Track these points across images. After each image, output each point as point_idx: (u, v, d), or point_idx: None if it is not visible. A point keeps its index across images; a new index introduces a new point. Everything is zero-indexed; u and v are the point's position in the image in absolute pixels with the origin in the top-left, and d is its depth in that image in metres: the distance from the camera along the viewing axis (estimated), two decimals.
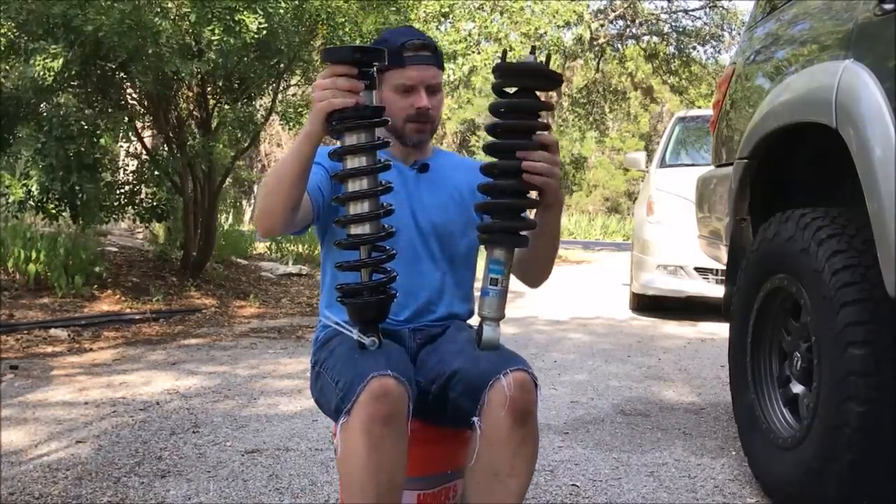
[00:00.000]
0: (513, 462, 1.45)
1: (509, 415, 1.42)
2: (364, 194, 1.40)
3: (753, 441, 2.35)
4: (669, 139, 6.78)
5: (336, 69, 1.37)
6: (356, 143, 1.39)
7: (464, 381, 1.49)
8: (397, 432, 1.38)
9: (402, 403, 1.38)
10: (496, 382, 1.44)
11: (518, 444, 1.44)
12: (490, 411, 1.44)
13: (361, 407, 1.35)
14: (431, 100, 1.67)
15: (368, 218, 1.41)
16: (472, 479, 1.49)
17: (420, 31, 1.72)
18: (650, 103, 19.58)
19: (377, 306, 1.42)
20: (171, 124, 6.16)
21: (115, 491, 2.23)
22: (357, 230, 1.41)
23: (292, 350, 4.48)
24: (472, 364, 1.49)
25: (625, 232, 22.46)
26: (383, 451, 1.36)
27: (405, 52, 1.63)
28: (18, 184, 5.27)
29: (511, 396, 1.42)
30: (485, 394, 1.44)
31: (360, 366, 1.41)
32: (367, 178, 1.40)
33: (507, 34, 11.61)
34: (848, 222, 2.00)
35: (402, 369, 1.42)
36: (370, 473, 1.36)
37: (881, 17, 1.82)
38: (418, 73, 1.64)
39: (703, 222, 3.24)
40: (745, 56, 2.87)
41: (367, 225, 1.41)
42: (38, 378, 3.64)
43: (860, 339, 1.83)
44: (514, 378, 1.44)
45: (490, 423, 1.44)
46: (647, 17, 13.73)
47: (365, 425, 1.35)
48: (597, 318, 6.02)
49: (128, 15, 4.78)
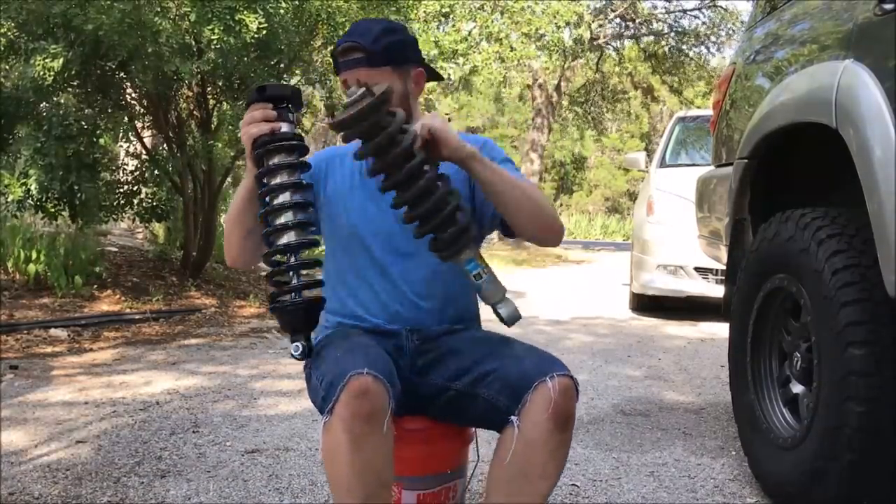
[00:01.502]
0: (546, 464, 1.47)
1: (552, 419, 1.44)
2: (282, 207, 1.49)
3: (753, 441, 2.35)
4: (669, 139, 6.79)
5: (251, 108, 1.52)
6: (277, 162, 1.50)
7: (502, 380, 1.50)
8: (380, 430, 1.38)
9: (382, 401, 1.39)
10: (541, 385, 1.45)
11: (555, 448, 1.46)
12: (532, 413, 1.45)
13: (342, 406, 1.36)
14: None
15: (288, 228, 1.49)
16: (500, 475, 1.50)
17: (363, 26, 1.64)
18: (650, 103, 19.57)
19: (305, 310, 1.48)
20: (171, 124, 6.16)
21: (115, 491, 2.23)
22: (282, 240, 1.49)
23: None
24: (514, 364, 1.51)
25: (625, 232, 22.48)
26: (367, 449, 1.36)
27: (337, 58, 1.63)
28: (18, 183, 5.27)
29: (555, 401, 1.44)
30: (528, 395, 1.46)
31: (339, 366, 1.42)
32: (286, 192, 1.50)
33: (507, 34, 11.60)
34: (848, 222, 2.00)
35: (381, 368, 1.42)
36: (356, 472, 1.36)
37: (881, 17, 1.82)
38: (345, 79, 1.62)
39: (703, 222, 3.24)
40: (745, 56, 2.87)
41: (291, 233, 1.49)
42: (38, 378, 3.63)
43: (860, 339, 1.83)
44: (560, 383, 1.45)
45: (530, 424, 1.45)
46: (646, 17, 13.73)
47: (346, 424, 1.36)
48: (597, 318, 6.02)
49: (128, 14, 4.78)
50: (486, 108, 26.10)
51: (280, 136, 1.50)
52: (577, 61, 13.64)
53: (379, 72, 1.59)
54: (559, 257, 13.10)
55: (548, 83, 13.78)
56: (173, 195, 6.45)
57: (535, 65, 13.15)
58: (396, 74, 1.62)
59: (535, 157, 14.00)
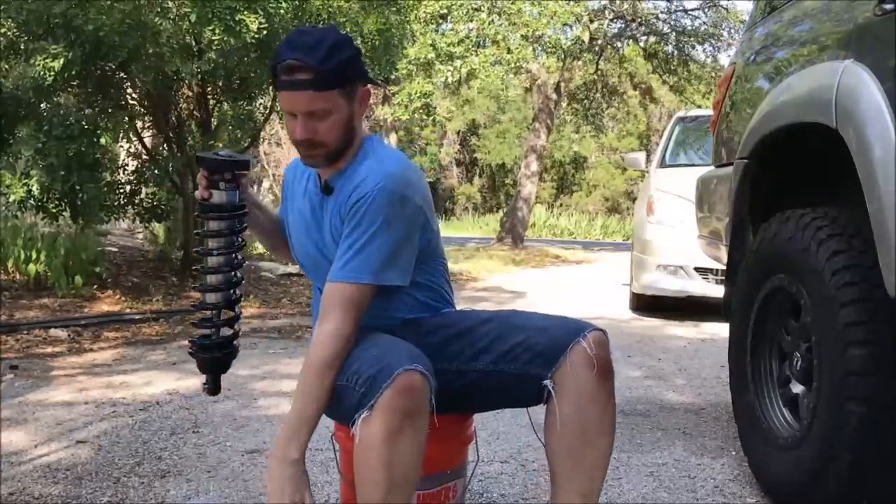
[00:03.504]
0: (601, 419, 1.51)
1: (596, 374, 1.49)
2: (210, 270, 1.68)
3: (753, 441, 2.35)
4: (669, 139, 6.78)
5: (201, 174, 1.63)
6: (213, 228, 1.65)
7: (533, 350, 1.52)
8: (417, 428, 1.38)
9: (425, 399, 1.39)
10: (576, 346, 1.49)
11: (605, 400, 1.52)
12: (574, 374, 1.48)
13: (385, 401, 1.35)
14: (315, 125, 1.49)
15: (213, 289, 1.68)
16: (560, 443, 1.52)
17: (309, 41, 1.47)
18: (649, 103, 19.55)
19: (223, 361, 1.73)
20: (171, 124, 6.16)
21: (115, 491, 2.23)
22: (211, 298, 1.69)
23: (292, 350, 4.47)
24: (540, 333, 1.54)
25: (625, 232, 22.45)
26: (400, 444, 1.36)
27: (278, 74, 1.48)
28: (19, 183, 5.28)
29: (596, 356, 1.48)
30: (564, 357, 1.49)
31: (383, 362, 1.40)
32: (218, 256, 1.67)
33: (504, 36, 11.58)
34: (848, 222, 2.00)
35: (426, 363, 1.42)
36: (385, 467, 1.36)
37: (881, 17, 1.82)
38: (288, 101, 1.49)
39: (703, 222, 3.24)
40: (745, 56, 2.87)
41: (217, 294, 1.68)
42: (38, 378, 3.63)
43: (860, 339, 1.83)
44: (594, 338, 1.51)
45: (576, 384, 1.49)
46: (646, 17, 13.72)
47: (386, 419, 1.35)
48: (597, 319, 5.98)
49: (128, 15, 4.78)
50: (488, 106, 26.09)
51: (206, 206, 1.64)
52: (576, 62, 13.61)
53: (325, 96, 1.47)
54: (558, 257, 13.09)
55: (547, 84, 13.78)
56: (173, 195, 6.46)
57: (533, 66, 13.14)
58: (342, 97, 1.50)
59: (534, 159, 13.99)
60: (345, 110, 1.51)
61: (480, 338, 1.58)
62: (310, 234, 1.65)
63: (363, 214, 1.48)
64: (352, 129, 1.55)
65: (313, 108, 1.48)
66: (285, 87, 1.48)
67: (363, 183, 1.50)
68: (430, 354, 1.52)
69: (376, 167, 1.53)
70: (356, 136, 1.57)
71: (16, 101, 5.18)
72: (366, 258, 1.48)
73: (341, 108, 1.51)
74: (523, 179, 14.08)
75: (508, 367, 1.54)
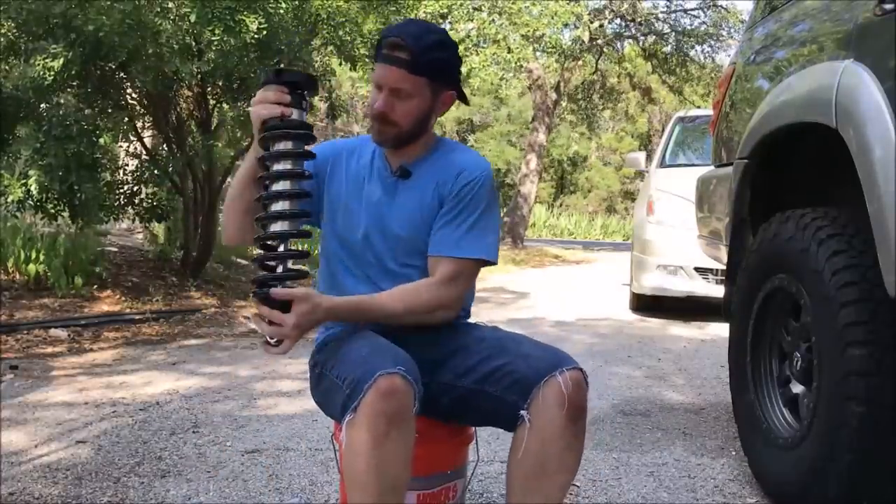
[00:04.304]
0: (562, 457, 1.48)
1: (566, 412, 1.45)
2: (278, 195, 1.50)
3: (753, 441, 2.35)
4: (669, 139, 6.78)
5: (266, 88, 1.50)
6: (281, 149, 1.50)
7: (512, 377, 1.51)
8: (403, 431, 1.38)
9: (408, 402, 1.38)
10: (552, 379, 1.47)
11: (570, 441, 1.48)
12: (545, 408, 1.46)
13: (368, 404, 1.35)
14: (395, 104, 1.58)
15: (282, 217, 1.50)
16: (519, 472, 1.50)
17: (419, 29, 1.60)
18: (648, 103, 19.55)
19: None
20: (171, 124, 6.16)
21: (115, 491, 2.23)
22: (274, 227, 1.50)
23: (292, 350, 4.47)
24: (522, 360, 1.52)
25: (625, 232, 22.46)
26: (387, 449, 1.36)
27: (381, 48, 1.59)
28: (18, 183, 5.26)
29: (568, 395, 1.45)
30: (538, 389, 1.47)
31: (367, 364, 1.41)
32: (286, 180, 1.50)
33: (504, 36, 11.57)
34: (848, 222, 2.00)
35: (410, 368, 1.42)
36: (373, 471, 1.35)
37: (881, 17, 1.82)
38: (380, 73, 1.59)
39: (703, 222, 3.24)
40: (745, 56, 2.87)
41: (285, 223, 1.50)
42: (38, 378, 3.63)
43: (860, 339, 1.83)
44: (571, 376, 1.47)
45: (544, 419, 1.46)
46: (646, 17, 13.72)
47: (371, 423, 1.35)
48: (597, 319, 6.01)
49: (128, 15, 4.78)
50: (481, 104, 26.03)
51: (288, 123, 1.49)
52: (576, 62, 13.62)
53: (415, 80, 1.57)
54: (558, 257, 13.10)
55: (547, 83, 13.78)
56: (173, 195, 6.45)
57: (533, 65, 13.14)
58: (429, 89, 1.60)
59: (534, 157, 14.00)
60: (426, 102, 1.61)
61: (472, 355, 1.59)
62: (371, 211, 1.66)
63: (472, 197, 1.62)
64: (425, 122, 1.64)
65: (400, 86, 1.57)
66: (383, 59, 1.58)
67: (468, 169, 1.64)
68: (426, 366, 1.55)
69: (474, 157, 1.69)
70: (426, 131, 1.66)
71: (15, 101, 5.17)
72: (479, 237, 1.62)
73: (424, 98, 1.60)
74: (523, 178, 14.09)
75: (490, 389, 1.53)
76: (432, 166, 1.66)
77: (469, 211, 1.62)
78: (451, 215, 1.62)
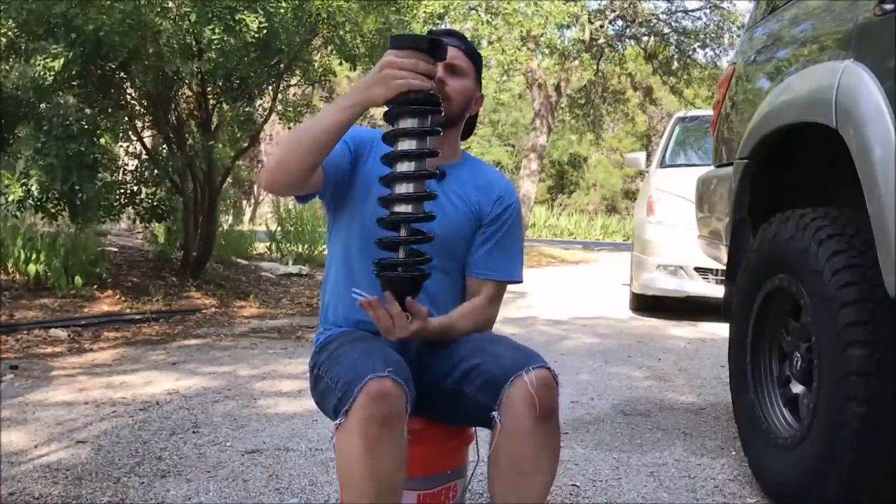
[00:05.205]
0: (536, 458, 1.47)
1: (532, 412, 1.44)
2: (410, 175, 1.44)
3: (753, 441, 2.35)
4: (669, 139, 6.79)
5: (415, 54, 1.41)
6: (415, 126, 1.42)
7: (483, 377, 1.51)
8: (395, 434, 1.37)
9: (399, 405, 1.38)
10: (517, 379, 1.46)
11: (541, 441, 1.46)
12: (512, 408, 1.45)
13: (359, 408, 1.35)
14: (451, 80, 1.67)
15: (413, 199, 1.45)
16: (495, 473, 1.50)
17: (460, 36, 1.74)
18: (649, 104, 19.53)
19: (410, 282, 1.47)
20: (171, 124, 6.16)
21: (115, 491, 2.23)
22: (400, 209, 1.45)
23: (292, 350, 4.48)
24: (493, 360, 1.51)
25: (625, 232, 22.45)
26: (381, 452, 1.36)
27: (440, 38, 1.60)
28: (18, 183, 5.27)
29: (535, 394, 1.44)
30: (505, 389, 1.46)
31: (357, 367, 1.41)
32: (417, 161, 1.44)
33: (500, 37, 11.56)
34: (848, 222, 2.00)
35: (400, 371, 1.42)
36: (368, 475, 1.35)
37: (881, 17, 1.82)
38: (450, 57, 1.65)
39: (703, 222, 3.24)
40: (746, 56, 2.87)
41: (409, 205, 1.45)
42: (38, 378, 3.63)
43: (860, 339, 1.83)
44: (537, 375, 1.46)
45: (513, 419, 1.45)
46: (646, 18, 13.70)
47: (362, 426, 1.35)
48: (597, 319, 6.01)
49: (128, 14, 4.78)
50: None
51: (432, 100, 1.43)
52: (575, 62, 13.60)
53: (467, 62, 1.70)
54: (558, 257, 13.10)
55: (547, 83, 13.78)
56: (173, 195, 6.45)
57: (532, 65, 13.13)
58: (474, 78, 1.72)
59: (534, 158, 13.99)
60: (471, 88, 1.72)
61: (454, 355, 1.59)
62: None
63: (511, 223, 1.76)
64: (465, 109, 1.73)
65: (458, 62, 1.67)
66: (449, 44, 1.61)
67: (505, 194, 1.76)
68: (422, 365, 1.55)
69: (504, 180, 1.81)
70: (462, 122, 1.75)
71: (16, 101, 5.18)
72: (516, 261, 1.78)
73: (471, 82, 1.71)
74: (523, 178, 14.08)
75: (466, 390, 1.53)
76: (467, 175, 1.75)
77: (510, 237, 1.75)
78: (494, 240, 1.73)
